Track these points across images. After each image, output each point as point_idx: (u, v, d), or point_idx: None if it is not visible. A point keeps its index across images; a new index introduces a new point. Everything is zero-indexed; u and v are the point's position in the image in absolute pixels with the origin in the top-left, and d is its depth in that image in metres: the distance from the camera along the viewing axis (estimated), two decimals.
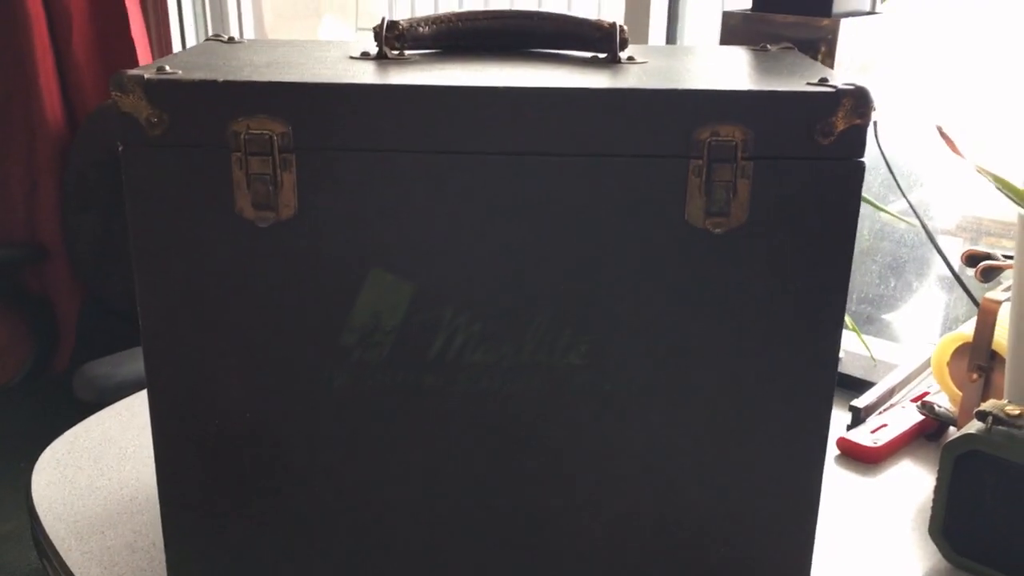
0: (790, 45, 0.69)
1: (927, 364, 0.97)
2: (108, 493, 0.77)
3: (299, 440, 0.60)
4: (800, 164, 0.54)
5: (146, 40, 1.70)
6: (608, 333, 0.57)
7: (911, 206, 0.91)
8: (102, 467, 0.80)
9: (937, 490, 0.69)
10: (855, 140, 0.53)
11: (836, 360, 0.58)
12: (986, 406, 0.67)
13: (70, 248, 1.69)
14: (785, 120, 0.53)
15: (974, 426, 0.67)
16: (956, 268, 0.91)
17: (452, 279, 0.56)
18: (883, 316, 1.18)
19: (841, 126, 0.53)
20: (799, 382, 0.58)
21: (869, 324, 1.20)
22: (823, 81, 0.54)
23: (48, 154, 1.70)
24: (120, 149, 0.54)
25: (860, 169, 0.54)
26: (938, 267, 1.17)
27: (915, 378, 0.96)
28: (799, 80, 0.56)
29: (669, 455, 0.60)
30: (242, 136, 0.53)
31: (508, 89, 0.53)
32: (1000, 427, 0.66)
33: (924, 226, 0.90)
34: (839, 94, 0.53)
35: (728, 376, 0.58)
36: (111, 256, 1.62)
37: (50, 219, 1.72)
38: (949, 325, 1.17)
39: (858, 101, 0.53)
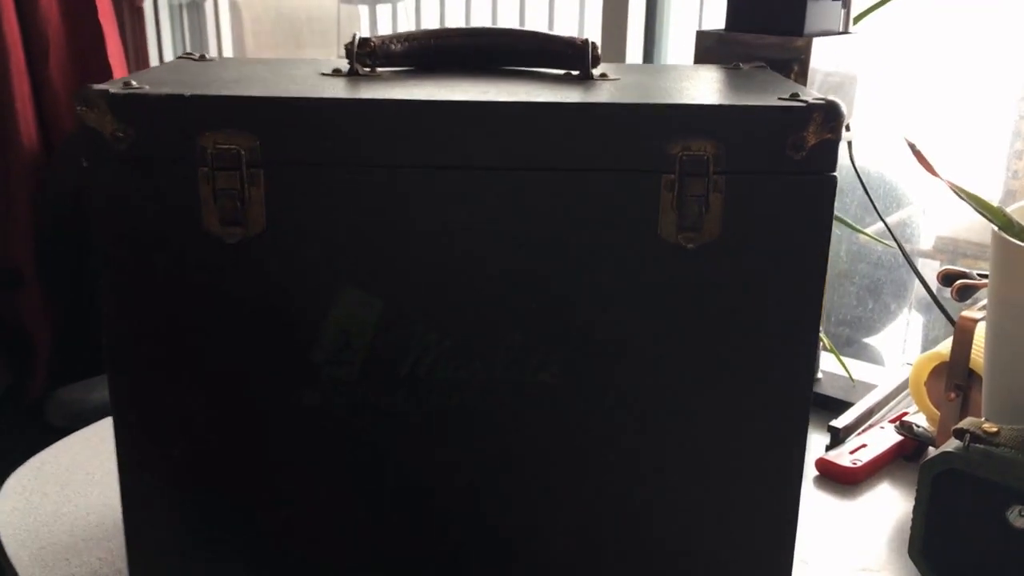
0: (762, 64, 0.70)
1: (906, 384, 0.97)
2: (74, 520, 0.75)
3: (267, 461, 0.59)
4: (772, 178, 0.54)
5: (123, 63, 1.70)
6: (581, 350, 0.57)
7: (887, 226, 0.91)
8: (69, 493, 0.79)
9: (916, 510, 0.69)
10: (827, 154, 0.53)
11: (812, 376, 0.57)
12: (964, 424, 0.67)
13: (44, 273, 1.67)
14: (757, 134, 0.53)
15: (952, 444, 0.67)
16: (933, 289, 0.92)
17: (423, 296, 0.56)
18: (861, 338, 1.17)
19: (813, 140, 0.53)
20: (775, 398, 0.57)
21: (847, 346, 1.20)
22: (794, 96, 0.54)
23: (23, 178, 1.68)
24: (84, 164, 0.53)
25: (832, 183, 0.54)
26: (916, 288, 1.17)
27: (894, 398, 0.95)
28: (771, 95, 0.56)
29: (642, 476, 0.59)
30: (209, 151, 0.53)
31: (479, 103, 0.53)
32: (978, 445, 0.66)
33: (900, 246, 0.90)
34: (810, 108, 0.53)
35: (702, 394, 0.57)
36: (86, 281, 1.60)
37: (24, 244, 1.70)
38: (927, 346, 1.17)
39: (829, 115, 0.53)
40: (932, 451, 0.71)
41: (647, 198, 0.54)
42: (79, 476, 0.81)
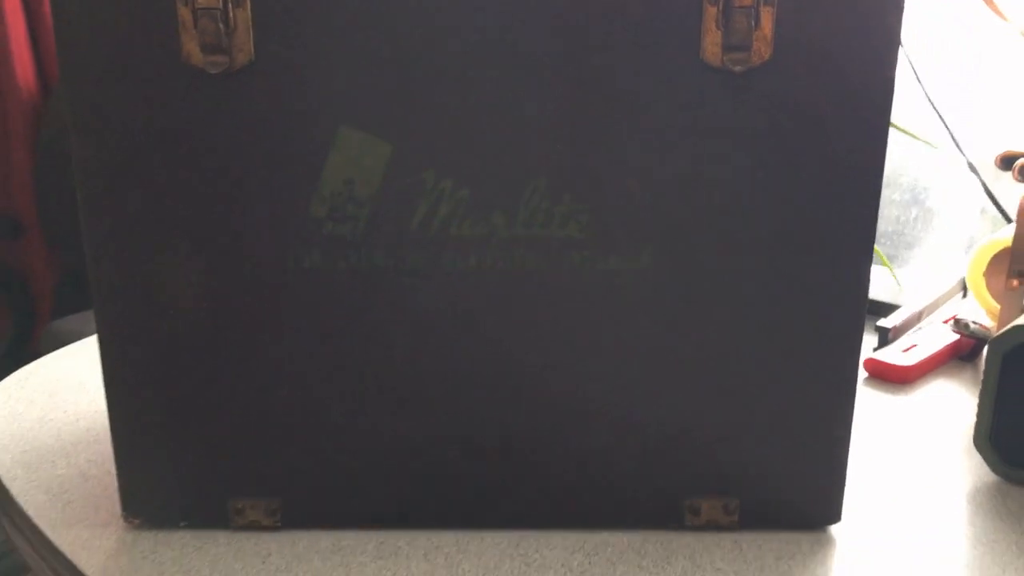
0: None
1: (956, 289, 0.90)
2: (62, 425, 0.69)
3: (263, 333, 0.52)
4: None
5: None
6: (612, 198, 0.50)
7: (944, 121, 0.84)
8: (57, 401, 0.73)
9: (982, 394, 0.62)
10: None
11: (874, 222, 0.51)
12: None
13: (44, 220, 1.62)
14: None
15: (1023, 319, 0.60)
16: (989, 186, 0.84)
17: (434, 137, 0.49)
18: (903, 253, 1.10)
19: None
20: (833, 250, 0.51)
21: (892, 260, 1.13)
22: None
23: (21, 122, 1.63)
24: None
25: (899, 3, 0.47)
26: (960, 198, 1.09)
27: (944, 302, 0.89)
28: None
29: (681, 355, 0.52)
30: None
31: None
32: None
33: (954, 138, 0.83)
34: None
35: (750, 247, 0.51)
36: None
37: (24, 190, 1.65)
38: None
39: None
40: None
41: (688, 15, 0.47)
42: (70, 385, 0.75)
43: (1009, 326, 0.60)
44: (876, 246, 1.03)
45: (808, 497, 0.55)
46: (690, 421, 0.54)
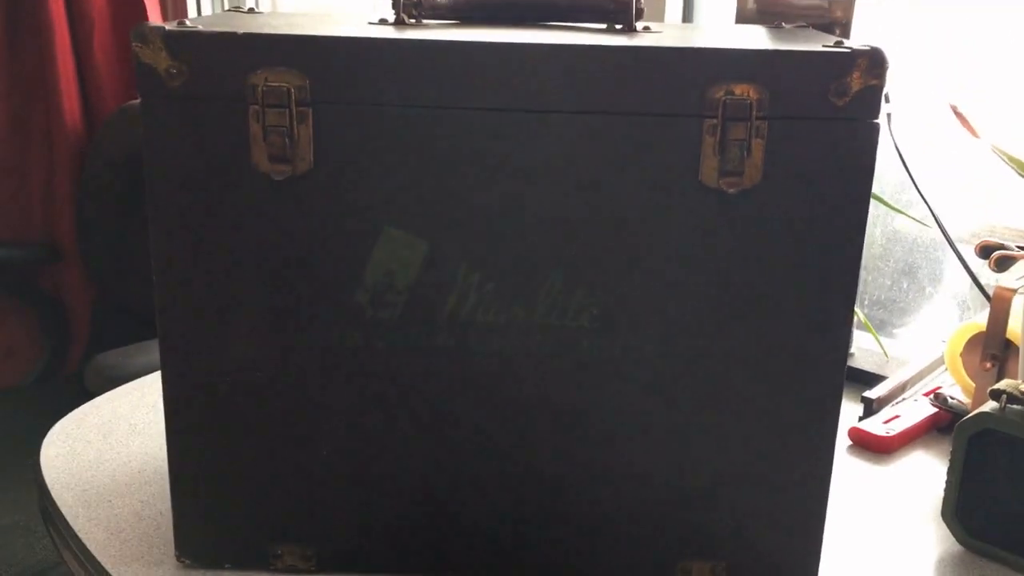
0: (804, 24, 0.70)
1: (939, 361, 0.96)
2: (116, 466, 0.76)
3: (309, 400, 0.60)
4: (815, 124, 0.54)
5: None
6: (620, 295, 0.57)
7: (926, 201, 0.91)
8: (111, 442, 0.80)
9: (950, 472, 0.69)
10: (871, 101, 0.53)
11: (850, 326, 0.58)
12: (1001, 385, 0.67)
13: (84, 249, 1.70)
14: (800, 80, 0.53)
15: (988, 405, 0.67)
16: (970, 266, 0.91)
17: (465, 237, 0.56)
18: (896, 320, 1.17)
19: (856, 86, 0.53)
20: (812, 348, 0.58)
21: (882, 329, 1.19)
22: (839, 44, 0.55)
23: (66, 156, 1.71)
24: (139, 101, 0.55)
25: (875, 130, 0.54)
26: (952, 270, 1.16)
27: (928, 374, 0.95)
28: (815, 43, 0.56)
29: (676, 425, 0.59)
30: (260, 88, 0.54)
31: (525, 45, 0.54)
32: (1015, 406, 0.66)
33: (938, 222, 0.90)
34: (854, 54, 0.53)
35: (739, 340, 0.58)
36: (125, 258, 1.62)
37: (65, 220, 1.73)
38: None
39: (874, 61, 0.53)
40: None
41: (689, 142, 0.54)
42: (122, 426, 0.83)
43: (975, 412, 0.67)
44: (867, 313, 1.10)
45: (788, 559, 0.62)
46: (683, 489, 0.61)
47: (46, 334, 1.76)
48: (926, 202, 0.90)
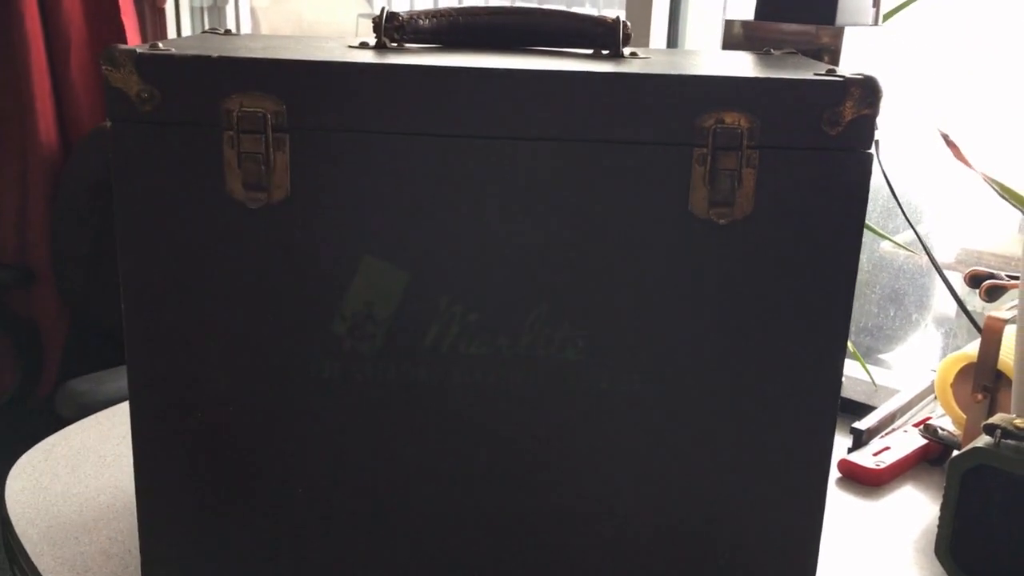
0: (793, 50, 0.69)
1: (929, 390, 0.95)
2: (84, 500, 0.74)
3: (285, 434, 0.57)
4: (807, 154, 0.53)
5: None
6: (606, 326, 0.55)
7: (913, 228, 0.90)
8: (79, 475, 0.78)
9: (943, 507, 0.67)
10: (863, 131, 0.52)
11: (842, 356, 0.56)
12: (995, 420, 0.65)
13: (58, 271, 1.67)
14: (792, 109, 0.52)
15: (982, 440, 0.65)
16: (959, 294, 0.90)
17: (448, 267, 0.55)
18: (883, 346, 1.16)
19: (849, 116, 0.52)
20: (804, 379, 0.56)
21: (868, 357, 1.18)
22: (831, 72, 0.53)
23: (41, 177, 1.68)
24: (109, 125, 0.53)
25: (868, 160, 0.53)
26: (938, 296, 1.15)
27: (917, 403, 0.94)
28: (806, 71, 0.55)
29: (665, 460, 0.58)
30: (235, 114, 0.52)
31: (508, 71, 0.52)
32: (1009, 441, 0.64)
33: (927, 249, 0.89)
34: (847, 83, 0.52)
35: (729, 374, 0.56)
36: (99, 281, 1.59)
37: (40, 242, 1.70)
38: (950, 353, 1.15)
39: (867, 90, 0.52)
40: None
41: (678, 172, 0.53)
42: (90, 459, 0.80)
43: (968, 448, 0.65)
44: (854, 340, 1.09)
45: None
46: (672, 525, 0.59)
47: (19, 358, 1.72)
48: (914, 230, 0.89)
